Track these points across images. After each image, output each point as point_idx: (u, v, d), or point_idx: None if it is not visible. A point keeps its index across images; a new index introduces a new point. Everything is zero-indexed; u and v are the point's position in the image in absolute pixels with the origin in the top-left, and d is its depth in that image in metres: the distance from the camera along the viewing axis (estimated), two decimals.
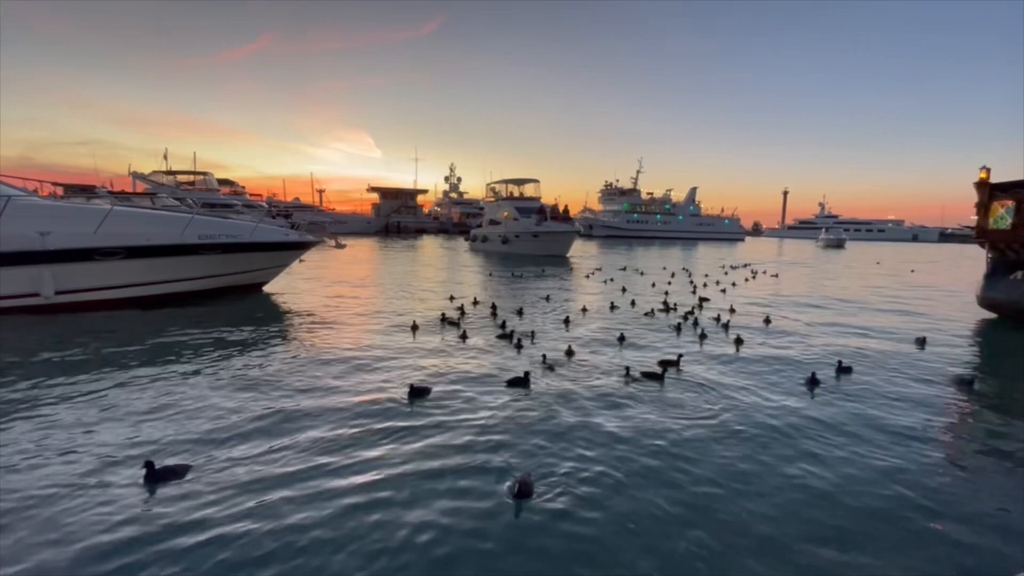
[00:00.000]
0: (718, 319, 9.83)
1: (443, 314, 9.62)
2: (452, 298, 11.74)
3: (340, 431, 4.75)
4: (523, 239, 32.44)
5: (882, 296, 15.47)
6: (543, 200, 36.28)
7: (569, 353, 7.40)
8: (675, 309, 11.47)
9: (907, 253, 52.13)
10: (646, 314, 10.88)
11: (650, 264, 26.62)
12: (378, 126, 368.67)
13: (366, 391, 5.78)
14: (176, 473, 4.03)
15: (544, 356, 7.38)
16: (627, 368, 6.67)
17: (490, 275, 17.67)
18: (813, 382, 6.23)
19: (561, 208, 37.67)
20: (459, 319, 9.28)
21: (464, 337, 8.28)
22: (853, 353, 7.93)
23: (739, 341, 8.22)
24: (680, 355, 7.21)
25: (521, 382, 6.09)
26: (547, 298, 12.45)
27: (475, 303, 11.56)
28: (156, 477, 3.96)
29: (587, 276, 17.83)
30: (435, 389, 5.87)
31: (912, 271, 26.46)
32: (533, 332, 8.68)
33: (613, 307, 11.28)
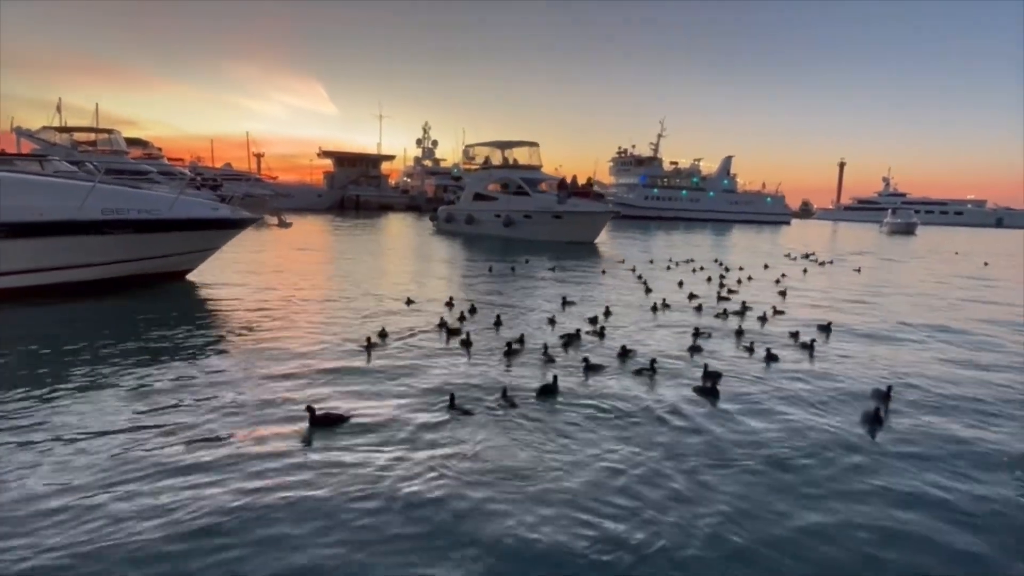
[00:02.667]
0: (795, 336, 9.65)
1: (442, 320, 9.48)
2: (409, 301, 11.38)
3: (198, 479, 4.37)
4: (537, 220, 31.27)
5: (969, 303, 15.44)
6: (542, 170, 35.78)
7: (590, 368, 7.44)
8: (744, 312, 11.69)
9: (990, 241, 52.84)
10: (717, 315, 11.35)
11: (675, 252, 26.73)
12: (333, 74, 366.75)
13: (272, 420, 5.52)
14: None
15: (545, 347, 7.98)
16: (652, 361, 7.52)
17: (489, 270, 17.34)
18: (875, 420, 6.04)
19: (582, 181, 37.04)
20: (459, 322, 9.01)
21: (467, 344, 8.34)
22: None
23: (772, 357, 8.23)
24: (717, 373, 7.36)
25: (550, 389, 6.44)
26: (564, 302, 12.08)
27: (450, 304, 11.35)
28: None
29: (603, 271, 17.81)
30: (354, 419, 5.56)
31: (985, 264, 26.77)
32: (568, 338, 8.68)
33: (608, 314, 10.99)
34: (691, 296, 13.23)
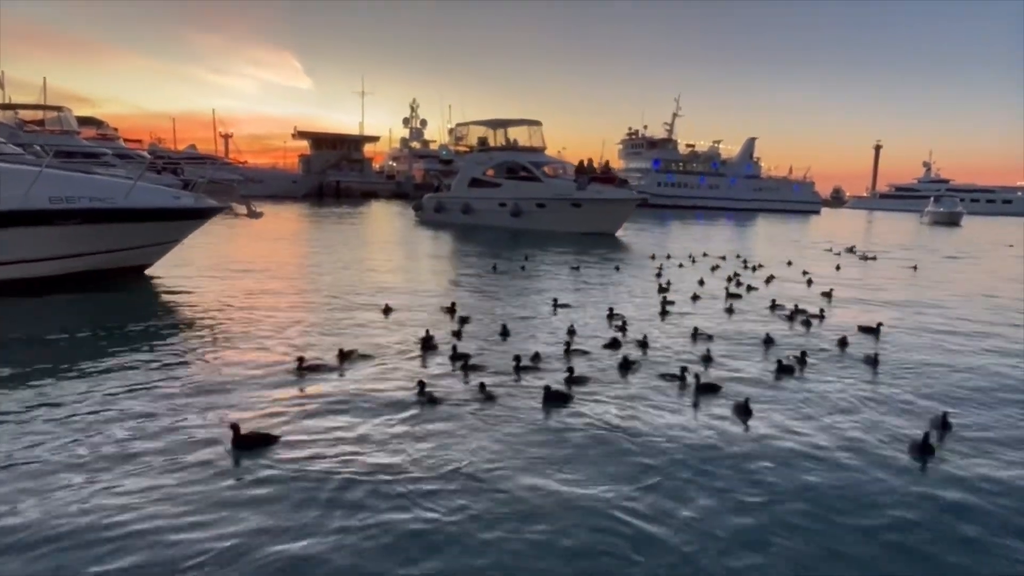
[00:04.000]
0: (843, 343, 9.47)
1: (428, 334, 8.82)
2: (387, 310, 10.84)
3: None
4: (552, 209, 30.89)
5: None
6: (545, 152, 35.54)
7: (571, 381, 7.24)
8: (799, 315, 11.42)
9: None
10: (791, 317, 11.31)
11: (693, 246, 26.69)
12: (309, 46, 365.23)
13: (197, 441, 5.36)
14: None
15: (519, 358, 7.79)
16: (683, 369, 7.43)
17: (493, 268, 16.92)
18: (924, 449, 5.58)
19: (597, 164, 36.52)
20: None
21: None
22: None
23: (784, 369, 8.05)
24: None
25: (561, 396, 6.53)
26: (555, 305, 11.86)
27: (452, 310, 10.98)
28: None
29: (617, 268, 17.73)
30: (286, 438, 5.44)
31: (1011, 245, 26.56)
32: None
33: (613, 319, 10.77)
34: (695, 297, 13.11)
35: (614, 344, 8.88)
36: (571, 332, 9.66)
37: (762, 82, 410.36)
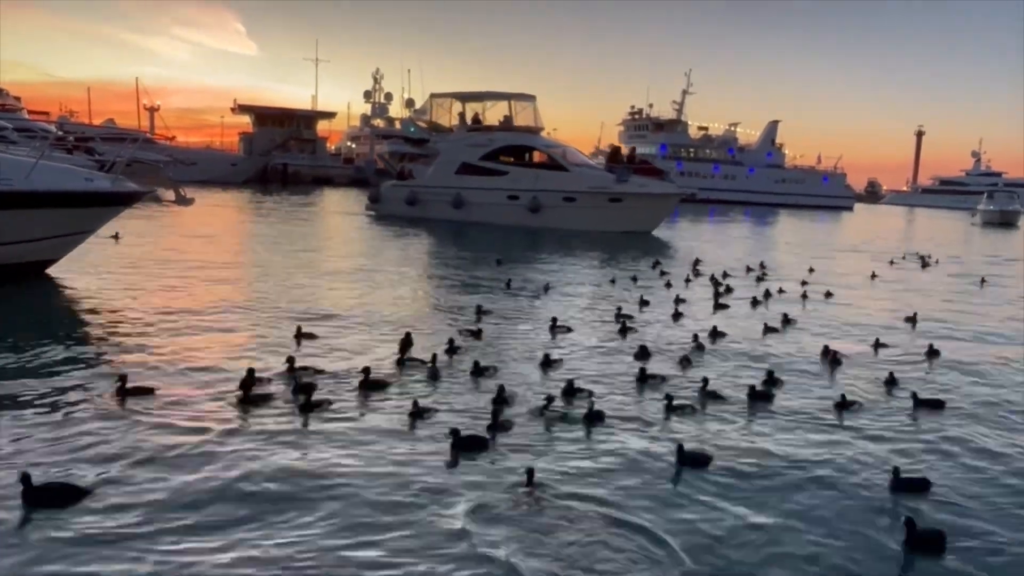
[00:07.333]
0: (889, 382, 8.85)
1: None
2: (300, 334, 9.78)
3: None
4: (584, 204, 30.37)
5: None
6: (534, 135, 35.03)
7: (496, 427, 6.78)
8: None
9: None
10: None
11: (705, 253, 26.62)
12: (253, 3, 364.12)
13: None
14: None
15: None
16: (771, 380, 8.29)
17: (507, 284, 15.40)
18: (917, 540, 4.77)
19: (625, 152, 36.34)
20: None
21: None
22: None
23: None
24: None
25: (476, 443, 6.14)
26: (479, 311, 11.67)
27: (473, 333, 10.41)
28: None
29: (634, 279, 17.47)
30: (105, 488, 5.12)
31: None
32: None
33: (554, 327, 10.86)
34: (678, 303, 13.02)
35: (643, 354, 9.34)
36: (545, 364, 9.15)
37: (786, 57, 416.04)
